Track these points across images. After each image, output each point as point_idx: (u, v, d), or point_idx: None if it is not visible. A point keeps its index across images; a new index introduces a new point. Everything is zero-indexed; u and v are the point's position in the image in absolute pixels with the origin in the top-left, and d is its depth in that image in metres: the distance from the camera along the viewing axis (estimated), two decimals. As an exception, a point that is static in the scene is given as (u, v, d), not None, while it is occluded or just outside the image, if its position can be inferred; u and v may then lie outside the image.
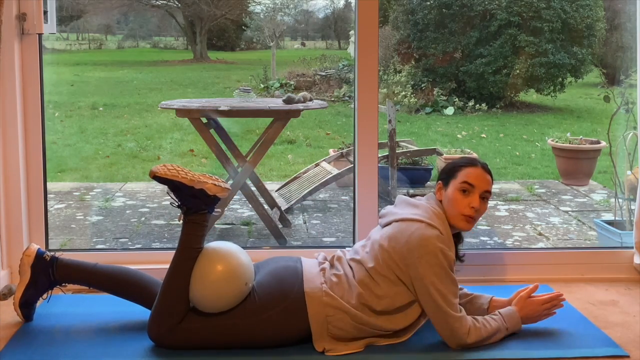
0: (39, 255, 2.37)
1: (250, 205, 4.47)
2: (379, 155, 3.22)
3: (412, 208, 2.29)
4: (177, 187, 2.22)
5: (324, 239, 4.38)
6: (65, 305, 2.49)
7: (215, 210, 2.31)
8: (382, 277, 2.20)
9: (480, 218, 2.37)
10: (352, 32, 10.08)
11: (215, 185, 2.22)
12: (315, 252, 2.46)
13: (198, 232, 2.23)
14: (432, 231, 2.18)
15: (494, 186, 2.37)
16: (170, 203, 2.28)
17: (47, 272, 2.35)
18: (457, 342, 2.17)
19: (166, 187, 2.24)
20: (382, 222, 2.35)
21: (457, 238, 2.37)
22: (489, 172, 2.32)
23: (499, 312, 2.29)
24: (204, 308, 2.18)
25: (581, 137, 6.07)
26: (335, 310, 2.16)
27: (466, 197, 2.26)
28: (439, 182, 2.34)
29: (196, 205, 2.23)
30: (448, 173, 2.32)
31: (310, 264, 2.33)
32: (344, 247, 2.81)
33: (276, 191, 5.07)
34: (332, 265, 2.32)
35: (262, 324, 2.15)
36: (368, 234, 2.40)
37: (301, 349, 2.18)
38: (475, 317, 2.24)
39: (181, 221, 2.26)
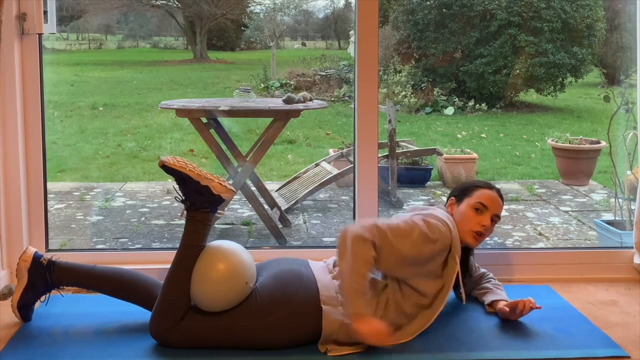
0: (36, 259, 2.35)
1: (250, 205, 4.46)
2: (379, 155, 3.22)
3: (425, 210, 2.36)
4: (183, 180, 2.22)
5: (324, 239, 4.38)
6: (65, 306, 2.49)
7: (218, 212, 2.31)
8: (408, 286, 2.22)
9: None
10: (352, 32, 10.09)
11: (220, 185, 2.22)
12: (325, 258, 2.43)
13: (201, 230, 2.23)
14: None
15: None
16: (175, 197, 2.28)
17: (44, 276, 2.34)
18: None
19: (172, 179, 2.24)
20: None
21: (467, 252, 2.41)
22: (502, 198, 2.42)
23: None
24: (204, 306, 2.18)
25: (581, 137, 6.07)
26: (349, 326, 2.12)
27: (478, 215, 2.34)
28: (452, 197, 2.43)
29: (200, 202, 2.23)
30: (463, 191, 2.42)
31: (321, 271, 2.30)
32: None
33: (276, 191, 5.07)
34: None
35: (263, 326, 2.14)
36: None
37: (301, 348, 2.17)
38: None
39: (184, 218, 2.26)
